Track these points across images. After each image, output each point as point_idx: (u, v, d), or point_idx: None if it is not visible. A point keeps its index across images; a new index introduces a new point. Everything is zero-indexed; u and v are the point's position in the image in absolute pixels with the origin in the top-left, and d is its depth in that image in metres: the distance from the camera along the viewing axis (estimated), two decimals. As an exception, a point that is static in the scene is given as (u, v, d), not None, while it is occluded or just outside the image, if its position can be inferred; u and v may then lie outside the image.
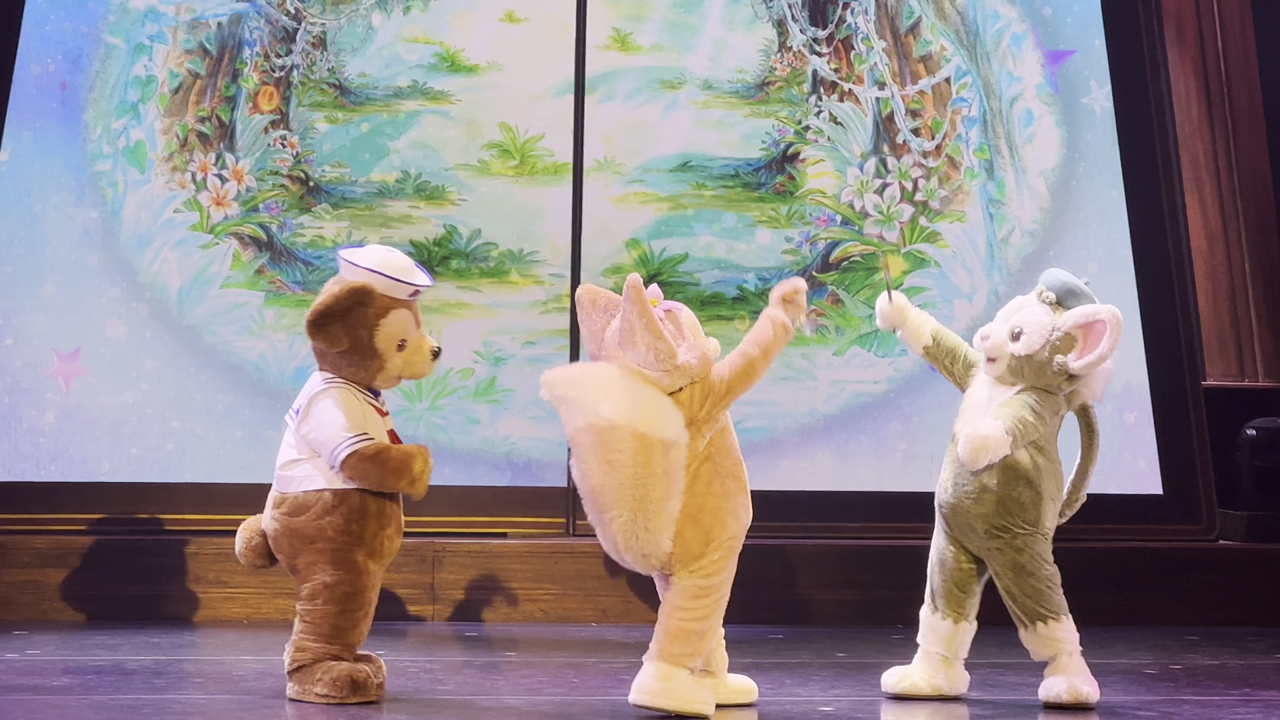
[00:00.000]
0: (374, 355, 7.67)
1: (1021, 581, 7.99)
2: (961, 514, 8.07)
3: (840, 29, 11.57)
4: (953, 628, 8.15)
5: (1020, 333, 7.97)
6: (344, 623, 7.70)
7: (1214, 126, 12.07)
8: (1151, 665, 9.30)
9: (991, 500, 7.97)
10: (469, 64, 11.29)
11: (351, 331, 7.64)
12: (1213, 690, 8.76)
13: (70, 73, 11.07)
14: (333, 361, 7.72)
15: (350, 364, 7.71)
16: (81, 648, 9.38)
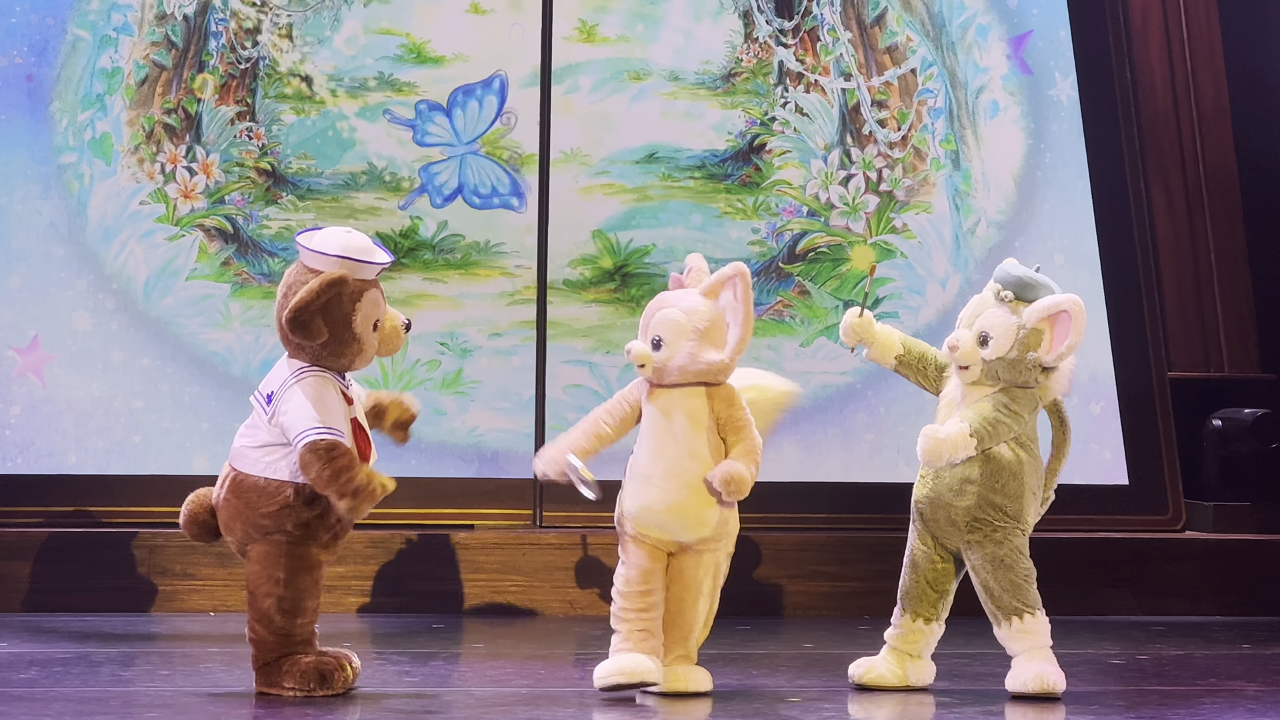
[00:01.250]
0: (353, 340, 7.67)
1: (1000, 576, 8.02)
2: (942, 508, 8.08)
3: (806, 20, 11.61)
4: (923, 627, 8.18)
5: (987, 337, 7.97)
6: (300, 617, 7.69)
7: (1180, 117, 12.10)
8: (1117, 655, 9.33)
9: (974, 493, 7.98)
10: (435, 55, 11.32)
11: (330, 321, 7.63)
12: (1179, 681, 8.80)
13: (36, 65, 11.08)
14: (312, 353, 7.70)
15: (330, 353, 7.69)
16: (49, 640, 9.36)
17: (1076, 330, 7.92)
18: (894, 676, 8.14)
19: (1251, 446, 11.48)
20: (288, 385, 7.66)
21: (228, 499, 7.70)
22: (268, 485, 7.56)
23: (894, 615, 8.28)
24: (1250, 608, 10.92)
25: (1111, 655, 9.29)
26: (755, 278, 11.12)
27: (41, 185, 11.05)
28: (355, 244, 7.81)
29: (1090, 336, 11.32)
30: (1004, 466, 8.02)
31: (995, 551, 8.00)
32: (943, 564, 8.19)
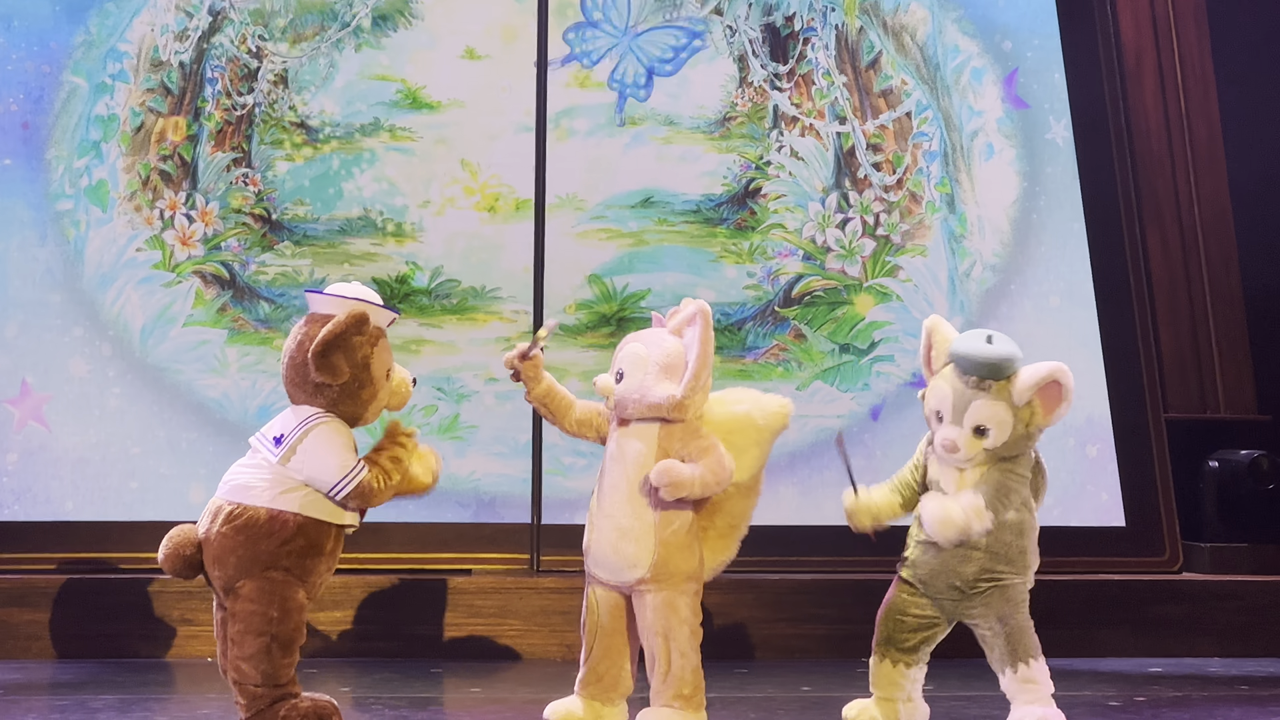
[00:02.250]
0: (370, 383, 7.68)
1: (1009, 627, 8.03)
2: (944, 575, 8.07)
3: (801, 64, 11.68)
4: (905, 671, 8.19)
5: (985, 429, 7.95)
6: (288, 659, 7.68)
7: (1175, 161, 12.15)
8: (1115, 697, 9.33)
9: (979, 560, 7.97)
10: (431, 101, 11.37)
11: (351, 360, 7.67)
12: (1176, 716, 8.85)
13: (32, 112, 11.13)
14: (328, 397, 7.73)
15: (347, 397, 7.69)
16: (47, 686, 9.43)
17: (1067, 395, 7.89)
18: (883, 716, 8.18)
19: (1248, 488, 11.48)
20: (304, 430, 7.68)
21: (223, 533, 7.61)
22: (274, 518, 7.52)
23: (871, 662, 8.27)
24: (1248, 649, 10.92)
25: (1110, 697, 9.29)
26: (751, 322, 11.40)
27: (38, 232, 11.06)
28: (367, 292, 7.90)
29: (1086, 379, 11.45)
30: (1007, 529, 8.01)
31: (1004, 607, 8.00)
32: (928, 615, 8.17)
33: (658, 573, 7.79)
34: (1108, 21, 12.11)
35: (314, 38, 11.39)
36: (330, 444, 7.60)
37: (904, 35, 11.84)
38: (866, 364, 11.42)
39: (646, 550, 7.78)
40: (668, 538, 7.80)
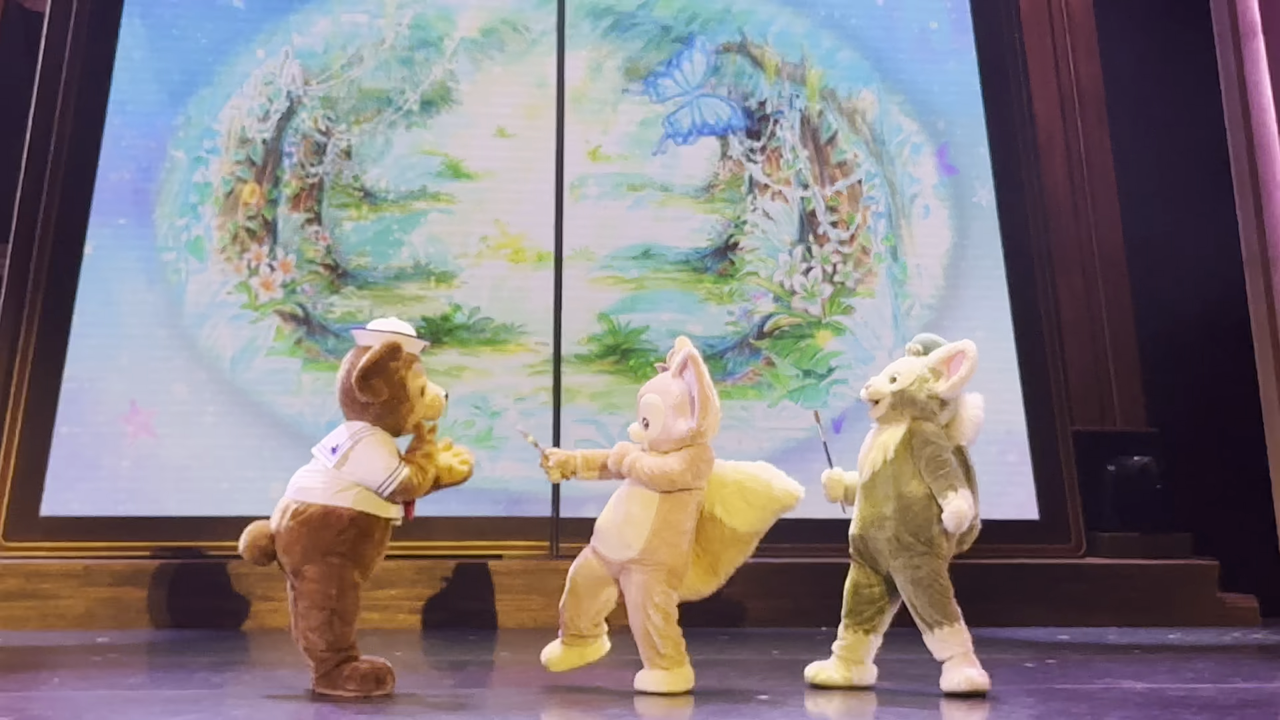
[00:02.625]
0: (405, 400, 7.80)
1: (920, 594, 8.06)
2: (870, 541, 8.16)
3: (771, 140, 11.74)
4: (863, 639, 8.26)
5: (895, 375, 8.09)
6: (347, 629, 7.79)
7: (1079, 219, 12.18)
8: (1030, 659, 9.41)
9: (891, 526, 8.06)
10: (469, 171, 11.41)
11: (389, 382, 7.79)
12: (1080, 680, 8.87)
13: (142, 180, 11.18)
14: (373, 413, 7.84)
15: (387, 412, 7.81)
16: (152, 652, 9.49)
17: (970, 367, 7.98)
18: (841, 678, 8.22)
19: (1140, 487, 11.58)
20: (355, 441, 7.78)
21: (291, 526, 7.75)
22: (330, 514, 7.66)
23: (839, 630, 8.33)
24: (1140, 621, 11.00)
25: (1026, 659, 9.38)
26: (730, 352, 11.43)
27: (146, 278, 11.11)
28: (402, 326, 8.03)
29: (1006, 398, 11.54)
30: (914, 503, 8.06)
31: (914, 574, 8.04)
32: (877, 586, 8.24)
33: (645, 557, 7.86)
34: (1023, 104, 12.15)
35: (373, 119, 11.46)
36: (376, 451, 7.74)
37: (856, 116, 11.88)
38: (825, 386, 11.48)
39: (641, 537, 7.87)
40: (661, 531, 7.88)
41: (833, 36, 11.98)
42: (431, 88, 11.57)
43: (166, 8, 11.40)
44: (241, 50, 11.47)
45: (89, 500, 10.85)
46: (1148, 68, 12.35)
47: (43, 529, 10.72)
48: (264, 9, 11.50)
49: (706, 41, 11.87)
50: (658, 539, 7.88)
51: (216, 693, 8.14)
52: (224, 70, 11.43)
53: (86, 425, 10.89)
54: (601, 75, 11.73)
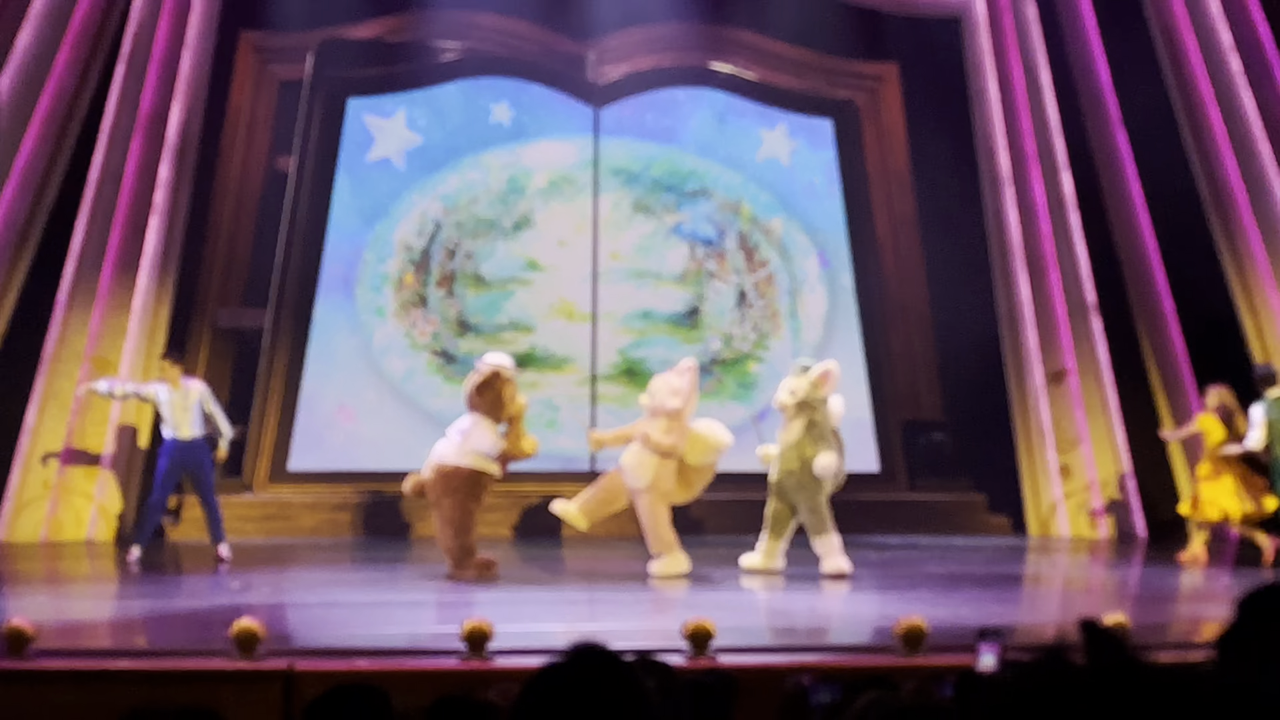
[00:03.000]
0: (502, 404, 8.31)
1: (813, 515, 8.52)
2: (785, 485, 8.58)
3: (719, 248, 11.88)
4: (776, 542, 8.71)
5: (793, 391, 8.52)
6: (468, 538, 8.22)
7: (901, 290, 12.13)
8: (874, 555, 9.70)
9: (797, 476, 8.54)
10: (543, 266, 11.60)
11: (493, 390, 8.31)
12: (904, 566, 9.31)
13: (348, 271, 11.37)
14: (484, 409, 8.34)
15: (493, 409, 8.30)
16: (353, 550, 9.90)
17: (835, 380, 8.50)
18: (763, 565, 8.67)
19: (937, 452, 11.80)
20: (474, 425, 8.31)
21: (435, 478, 8.23)
22: (458, 470, 8.13)
23: (761, 536, 8.76)
24: (940, 532, 11.21)
25: (870, 554, 9.68)
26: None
27: (350, 330, 11.31)
28: (505, 358, 8.52)
29: (860, 400, 11.66)
30: (809, 463, 8.49)
31: (809, 503, 8.53)
32: (786, 510, 8.68)
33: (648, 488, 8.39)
34: (872, 223, 12.21)
35: (485, 235, 11.56)
36: (485, 432, 8.23)
37: (770, 233, 12.00)
38: (752, 393, 11.67)
39: (646, 478, 8.40)
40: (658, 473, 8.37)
41: (755, 185, 12.04)
42: (519, 216, 11.64)
43: (361, 169, 11.45)
44: (405, 194, 11.52)
45: (317, 460, 11.07)
46: (941, 201, 12.31)
47: (289, 477, 10.99)
48: (419, 170, 11.54)
49: (680, 188, 11.90)
50: (656, 477, 8.42)
51: (393, 574, 8.69)
52: (396, 205, 11.50)
53: (314, 416, 11.12)
54: (619, 209, 11.81)
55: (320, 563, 9.19)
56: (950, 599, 7.64)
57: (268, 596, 7.70)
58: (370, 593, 7.82)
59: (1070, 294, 11.57)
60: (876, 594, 8.11)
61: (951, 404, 12.23)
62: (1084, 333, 11.53)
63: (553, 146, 11.76)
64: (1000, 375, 11.71)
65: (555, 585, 8.23)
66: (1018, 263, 11.65)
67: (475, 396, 8.37)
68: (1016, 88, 11.82)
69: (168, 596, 7.70)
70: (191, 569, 9.03)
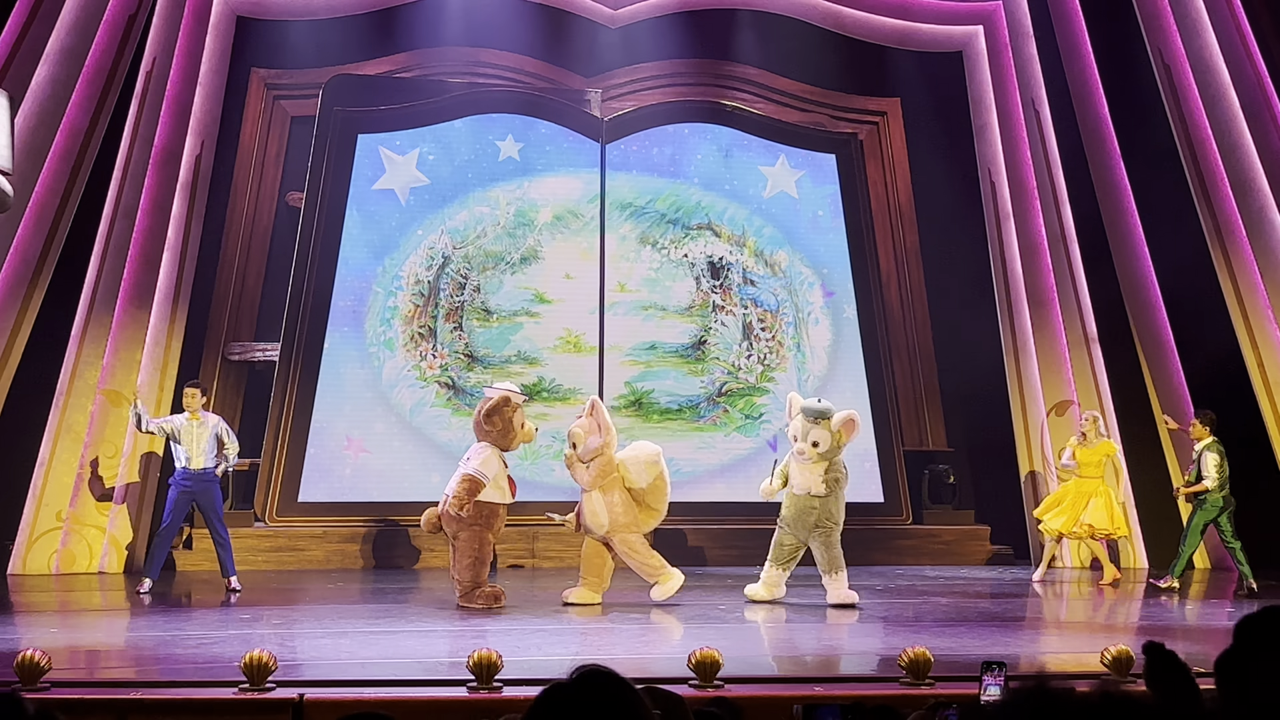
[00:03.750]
0: (511, 430, 8.36)
1: (828, 552, 8.55)
2: (798, 520, 8.59)
3: (725, 280, 11.87)
4: (781, 573, 8.74)
5: (818, 443, 8.53)
6: (482, 568, 8.30)
7: (905, 324, 12.26)
8: (880, 586, 9.77)
9: (816, 514, 8.56)
10: (549, 299, 11.57)
11: (502, 418, 8.36)
12: (910, 596, 9.35)
13: (358, 305, 11.33)
14: (493, 437, 8.39)
15: (500, 436, 8.37)
16: (363, 582, 9.88)
17: (857, 426, 8.55)
18: (767, 594, 8.68)
19: (942, 484, 11.76)
20: (477, 451, 8.37)
21: (449, 509, 8.29)
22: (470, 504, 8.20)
23: (765, 566, 8.74)
24: (944, 562, 11.24)
25: (877, 585, 9.72)
26: (702, 404, 11.62)
27: (360, 363, 11.27)
28: (512, 387, 8.58)
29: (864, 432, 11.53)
30: (831, 500, 8.57)
31: (825, 541, 8.55)
32: (794, 544, 8.70)
33: (614, 527, 8.43)
34: (875, 255, 12.22)
35: (493, 269, 11.54)
36: (487, 459, 8.28)
37: (775, 265, 11.99)
38: (758, 425, 11.66)
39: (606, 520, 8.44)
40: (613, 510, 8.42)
41: (760, 218, 12.04)
42: (526, 250, 11.62)
43: (369, 204, 11.43)
44: (413, 228, 11.49)
45: (326, 491, 11.03)
46: (944, 235, 12.36)
47: (299, 509, 10.95)
48: (428, 204, 11.51)
49: (686, 221, 11.88)
50: (612, 516, 8.44)
51: (402, 604, 8.67)
52: (404, 239, 11.47)
53: (325, 448, 11.09)
54: (625, 242, 11.80)
55: (330, 594, 9.19)
56: (954, 630, 7.66)
57: (278, 627, 7.72)
58: (379, 623, 7.84)
59: (1072, 326, 11.60)
60: (881, 625, 8.11)
61: (955, 435, 12.22)
62: (1086, 365, 11.55)
63: (560, 181, 11.80)
64: (1003, 407, 11.69)
65: (564, 615, 8.21)
66: (1020, 295, 11.68)
67: (484, 423, 8.41)
68: (1017, 122, 11.87)
69: (178, 627, 7.71)
70: (202, 600, 9.03)
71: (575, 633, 7.76)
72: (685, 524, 10.99)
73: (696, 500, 11.32)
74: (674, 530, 10.81)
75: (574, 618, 8.12)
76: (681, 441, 11.54)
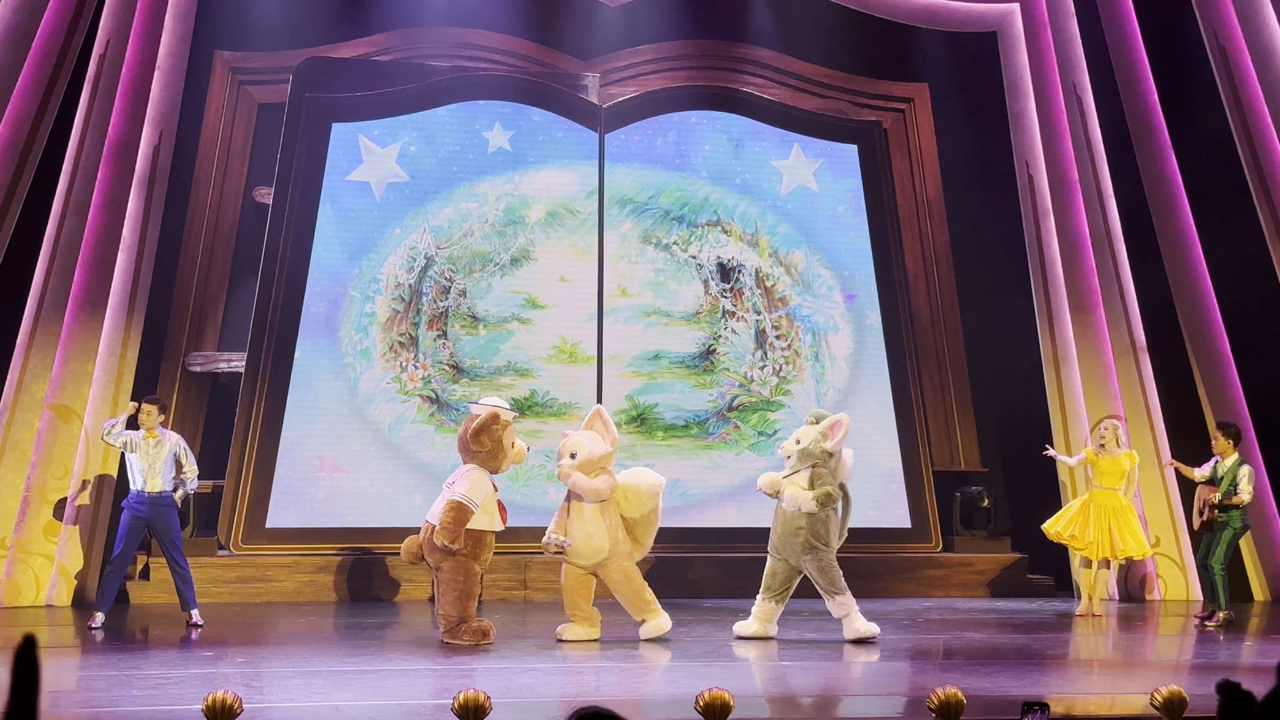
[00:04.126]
0: (501, 450, 8.39)
1: (823, 576, 8.59)
2: (786, 544, 8.65)
3: (736, 283, 11.89)
4: (774, 606, 8.75)
5: (799, 440, 8.67)
6: (470, 601, 8.33)
7: (934, 332, 12.27)
8: (905, 619, 9.81)
9: (804, 535, 8.60)
10: (542, 304, 11.58)
11: (490, 437, 8.39)
12: (939, 629, 9.39)
13: (331, 311, 11.31)
14: (480, 458, 8.42)
15: (489, 456, 8.41)
16: (338, 617, 9.90)
17: (845, 430, 8.64)
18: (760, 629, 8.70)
19: (975, 507, 11.75)
20: (465, 474, 8.40)
21: (431, 538, 8.33)
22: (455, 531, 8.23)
23: (757, 600, 8.76)
24: (977, 594, 11.28)
25: (903, 619, 9.76)
26: (711, 419, 11.65)
27: (334, 374, 11.25)
28: (501, 402, 8.63)
29: (888, 449, 11.64)
30: (819, 520, 8.61)
31: (818, 563, 8.59)
32: (786, 573, 8.71)
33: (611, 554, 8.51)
34: (901, 256, 12.24)
35: (480, 270, 11.55)
36: (474, 481, 8.32)
37: (791, 267, 12.00)
38: (772, 442, 11.55)
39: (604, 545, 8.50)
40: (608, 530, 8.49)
41: (774, 215, 12.07)
42: (517, 250, 11.64)
43: (345, 199, 11.45)
44: (393, 226, 11.49)
45: (297, 516, 11.03)
46: (978, 233, 12.39)
47: (267, 536, 10.93)
48: (408, 200, 11.52)
49: (693, 219, 11.90)
50: (613, 540, 8.50)
51: (381, 640, 8.68)
52: (382, 239, 11.47)
53: (295, 468, 11.09)
54: (626, 242, 11.83)
55: (301, 629, 9.20)
56: (989, 668, 7.66)
57: (243, 666, 7.71)
58: (355, 662, 7.84)
59: (1118, 333, 11.61)
60: (909, 662, 8.14)
61: (989, 454, 12.22)
62: (1133, 375, 11.57)
63: (554, 174, 11.82)
64: (1043, 422, 11.67)
65: (557, 652, 8.23)
66: (1061, 299, 11.66)
67: (471, 442, 8.42)
68: (1057, 108, 11.87)
69: (134, 666, 7.72)
70: (160, 636, 9.04)
71: (569, 671, 7.78)
72: (692, 552, 11.01)
73: (705, 526, 11.36)
74: (679, 559, 10.87)
75: (568, 654, 8.14)
76: (688, 461, 11.57)
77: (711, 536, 11.28)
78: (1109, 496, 10.41)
